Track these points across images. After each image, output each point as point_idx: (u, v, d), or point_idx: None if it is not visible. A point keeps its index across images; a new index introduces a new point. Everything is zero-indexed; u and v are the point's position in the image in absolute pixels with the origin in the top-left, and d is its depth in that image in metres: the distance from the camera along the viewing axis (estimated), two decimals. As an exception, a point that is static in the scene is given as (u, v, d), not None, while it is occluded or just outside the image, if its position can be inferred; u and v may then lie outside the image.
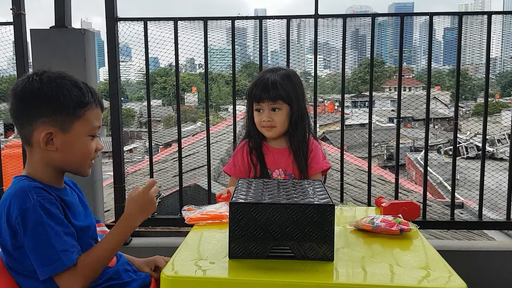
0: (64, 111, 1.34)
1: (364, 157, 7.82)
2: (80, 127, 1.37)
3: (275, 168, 2.01)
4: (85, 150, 1.39)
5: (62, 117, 1.34)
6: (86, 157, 1.41)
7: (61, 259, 1.26)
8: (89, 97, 1.38)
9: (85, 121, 1.37)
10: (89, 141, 1.40)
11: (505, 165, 3.69)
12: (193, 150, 5.81)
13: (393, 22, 2.85)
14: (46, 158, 1.37)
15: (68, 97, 1.34)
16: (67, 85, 1.36)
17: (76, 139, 1.37)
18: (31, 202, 1.27)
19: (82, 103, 1.36)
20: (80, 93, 1.36)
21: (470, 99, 24.51)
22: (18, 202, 1.28)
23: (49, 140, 1.34)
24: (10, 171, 3.44)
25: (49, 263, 1.25)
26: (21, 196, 1.29)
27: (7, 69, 3.07)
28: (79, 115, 1.36)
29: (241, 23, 2.78)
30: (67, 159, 1.38)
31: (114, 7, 2.65)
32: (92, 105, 1.39)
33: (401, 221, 1.48)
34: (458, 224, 2.92)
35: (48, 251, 1.26)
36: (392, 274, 1.21)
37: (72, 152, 1.37)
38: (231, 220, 1.24)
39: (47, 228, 1.26)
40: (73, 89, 1.36)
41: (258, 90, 1.95)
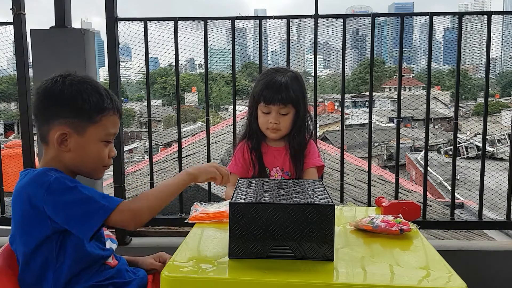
0: (80, 115, 1.37)
1: (364, 157, 7.82)
2: (95, 132, 1.39)
3: (273, 167, 2.02)
4: (97, 155, 1.41)
5: (78, 120, 1.37)
6: (97, 162, 1.42)
7: (104, 205, 1.28)
8: (108, 103, 1.40)
9: (100, 127, 1.39)
10: (102, 146, 1.41)
11: (505, 165, 3.69)
12: (193, 150, 5.81)
13: (393, 22, 2.86)
14: (59, 158, 1.39)
15: (86, 101, 1.37)
16: (88, 89, 1.38)
17: (89, 143, 1.39)
18: (53, 177, 1.30)
19: (99, 108, 1.38)
20: (99, 99, 1.38)
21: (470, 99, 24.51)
22: (39, 182, 1.30)
23: (64, 141, 1.37)
24: (10, 171, 3.44)
25: (94, 214, 1.27)
26: (40, 177, 1.31)
27: (7, 69, 3.07)
28: (95, 120, 1.38)
29: (241, 23, 2.78)
30: (79, 162, 1.40)
31: (114, 7, 2.65)
32: (110, 111, 1.40)
33: (401, 221, 1.48)
34: (458, 224, 2.92)
35: (88, 204, 1.28)
36: (392, 274, 1.21)
37: (84, 155, 1.40)
38: (231, 220, 1.24)
39: (79, 189, 1.29)
40: (93, 94, 1.38)
41: (270, 93, 1.92)
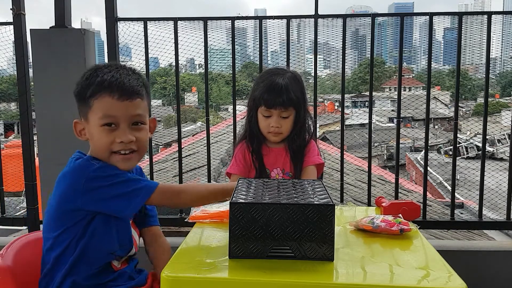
0: (82, 101, 1.39)
1: (364, 157, 7.82)
2: (93, 117, 1.37)
3: (274, 168, 2.02)
4: (100, 141, 1.38)
5: (82, 107, 1.40)
6: (103, 149, 1.39)
7: (146, 184, 1.33)
8: (99, 84, 1.36)
9: (95, 110, 1.36)
10: (103, 132, 1.37)
11: (505, 165, 3.69)
12: (193, 150, 5.82)
13: (393, 22, 2.86)
14: (90, 148, 1.44)
15: (83, 85, 1.38)
16: (85, 74, 1.39)
17: (92, 129, 1.39)
18: (95, 165, 1.34)
19: (90, 92, 1.36)
20: (92, 82, 1.37)
21: (470, 99, 24.51)
22: (81, 170, 1.34)
23: (83, 130, 1.42)
24: (10, 171, 3.44)
25: (137, 194, 1.32)
26: (84, 165, 1.36)
27: (7, 69, 3.07)
28: (90, 105, 1.37)
29: (241, 23, 2.78)
30: (94, 149, 1.42)
31: (114, 7, 2.65)
32: (102, 93, 1.36)
33: (401, 221, 1.48)
34: (458, 224, 2.92)
35: (132, 185, 1.33)
36: (392, 274, 1.21)
37: (94, 143, 1.41)
38: (231, 220, 1.24)
39: (117, 174, 1.34)
40: (85, 78, 1.38)
41: (271, 97, 1.91)
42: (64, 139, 2.59)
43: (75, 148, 1.45)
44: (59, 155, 2.67)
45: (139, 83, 1.40)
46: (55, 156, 2.54)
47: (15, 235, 3.77)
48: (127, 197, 1.33)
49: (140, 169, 1.62)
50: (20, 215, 3.94)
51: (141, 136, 1.41)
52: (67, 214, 1.37)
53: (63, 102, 2.58)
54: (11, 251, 1.44)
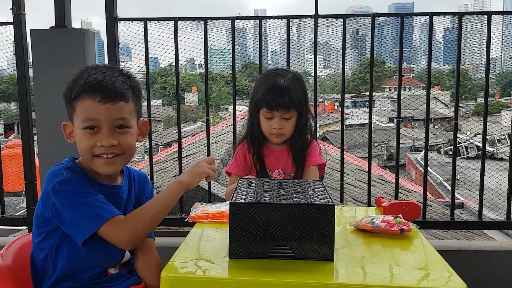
0: (67, 103, 1.38)
1: (364, 157, 7.82)
2: (76, 120, 1.36)
3: (275, 168, 2.01)
4: (81, 144, 1.35)
5: (68, 109, 1.38)
6: (84, 153, 1.36)
7: (100, 213, 1.28)
8: (83, 87, 1.32)
9: (77, 113, 1.34)
10: (85, 135, 1.34)
11: (505, 165, 3.70)
12: (193, 150, 5.81)
13: (393, 22, 2.86)
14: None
15: (67, 89, 1.37)
16: (74, 76, 1.37)
17: (76, 132, 1.38)
18: (64, 176, 1.31)
19: (75, 94, 1.33)
20: (72, 84, 1.35)
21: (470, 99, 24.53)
22: (52, 179, 1.31)
23: (71, 133, 1.40)
24: (10, 171, 3.44)
25: (89, 219, 1.27)
26: (55, 174, 1.33)
27: (7, 69, 3.08)
28: (74, 107, 1.35)
29: (241, 23, 2.78)
30: (79, 153, 1.40)
31: (114, 7, 2.65)
32: (83, 95, 1.32)
33: (401, 221, 1.48)
34: (458, 224, 2.92)
35: (86, 209, 1.28)
36: (392, 274, 1.21)
37: (78, 146, 1.38)
38: (231, 220, 1.24)
39: (82, 192, 1.30)
40: (75, 80, 1.36)
41: (272, 98, 1.89)
42: (64, 139, 2.59)
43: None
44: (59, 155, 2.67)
45: (125, 85, 1.35)
46: (55, 156, 2.54)
47: (15, 235, 3.77)
48: (80, 221, 1.28)
49: (145, 176, 1.59)
50: (20, 215, 3.94)
51: (125, 140, 1.36)
52: (42, 219, 1.35)
53: (63, 102, 2.58)
54: (11, 251, 1.44)
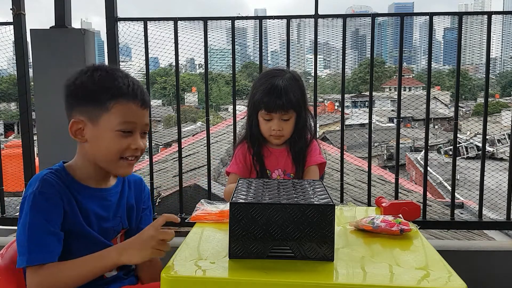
0: (93, 102, 1.32)
1: (364, 157, 7.82)
2: (108, 121, 1.31)
3: (275, 169, 2.01)
4: (111, 146, 1.32)
5: (91, 107, 1.32)
6: (112, 153, 1.33)
7: (25, 254, 1.23)
8: (122, 89, 1.32)
9: (113, 115, 1.31)
10: (117, 137, 1.32)
11: (505, 165, 3.70)
12: (193, 150, 5.82)
13: (393, 22, 2.86)
14: (82, 151, 1.37)
15: (98, 87, 1.32)
16: (101, 75, 1.33)
17: (103, 133, 1.32)
18: (31, 191, 1.28)
19: (112, 94, 1.31)
20: (111, 84, 1.32)
21: (470, 99, 24.53)
22: (27, 188, 1.30)
23: (80, 131, 1.34)
24: (10, 171, 3.44)
25: (20, 254, 1.25)
26: (31, 183, 1.31)
27: (7, 69, 3.08)
28: (108, 108, 1.31)
29: (241, 23, 2.78)
30: (95, 153, 1.35)
31: (114, 7, 2.65)
32: (124, 98, 1.32)
33: (401, 221, 1.48)
34: (458, 224, 2.92)
35: (22, 242, 1.25)
36: (392, 274, 1.21)
37: (99, 146, 1.34)
38: (231, 220, 1.24)
39: (30, 219, 1.25)
40: (106, 80, 1.32)
41: (271, 100, 1.88)
42: (64, 139, 2.58)
43: (74, 148, 1.44)
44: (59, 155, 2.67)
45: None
46: (55, 156, 2.54)
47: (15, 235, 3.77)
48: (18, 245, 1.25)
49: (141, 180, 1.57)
50: (20, 215, 3.93)
51: (144, 143, 1.41)
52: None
53: (63, 102, 2.58)
54: (11, 251, 1.44)
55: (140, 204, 1.54)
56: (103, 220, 1.40)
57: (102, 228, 1.39)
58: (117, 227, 1.45)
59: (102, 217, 1.40)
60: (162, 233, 1.23)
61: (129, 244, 1.27)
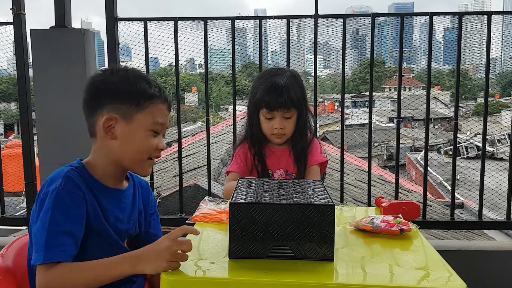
0: (128, 100, 1.34)
1: (364, 157, 7.83)
2: (142, 119, 1.35)
3: (277, 169, 2.01)
4: (143, 144, 1.36)
5: (125, 105, 1.34)
6: (143, 152, 1.37)
7: (42, 252, 1.22)
8: (156, 91, 1.37)
9: (147, 114, 1.35)
10: (149, 136, 1.37)
11: (505, 165, 3.70)
12: (193, 150, 5.82)
13: (393, 22, 2.86)
14: (106, 148, 1.36)
15: (134, 86, 1.35)
16: (136, 77, 1.38)
17: (136, 130, 1.35)
18: (54, 187, 1.26)
19: (147, 94, 1.35)
20: (146, 86, 1.37)
21: (470, 99, 24.52)
22: (48, 184, 1.29)
23: (110, 128, 1.34)
24: (10, 171, 3.44)
25: (36, 251, 1.23)
26: (53, 179, 1.30)
27: (7, 69, 3.08)
28: (143, 107, 1.35)
29: (241, 23, 2.79)
30: (124, 150, 1.36)
31: (114, 7, 2.65)
32: (158, 99, 1.37)
33: (401, 221, 1.48)
34: (458, 224, 2.92)
35: (40, 239, 1.23)
36: (392, 274, 1.21)
37: (130, 143, 1.35)
38: (231, 220, 1.24)
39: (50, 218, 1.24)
40: (140, 81, 1.37)
41: (272, 99, 1.88)
42: (64, 139, 2.60)
43: (74, 148, 1.44)
44: (59, 155, 2.68)
45: None
46: (55, 156, 2.55)
47: (15, 235, 3.77)
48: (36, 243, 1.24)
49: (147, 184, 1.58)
50: (20, 215, 3.95)
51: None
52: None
53: (63, 102, 2.58)
54: (11, 251, 1.44)
55: (148, 209, 1.53)
56: (119, 222, 1.40)
57: (117, 230, 1.39)
58: (130, 230, 1.45)
59: (119, 219, 1.40)
60: (179, 244, 1.18)
61: (143, 255, 1.22)
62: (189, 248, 1.20)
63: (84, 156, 1.43)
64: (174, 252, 1.17)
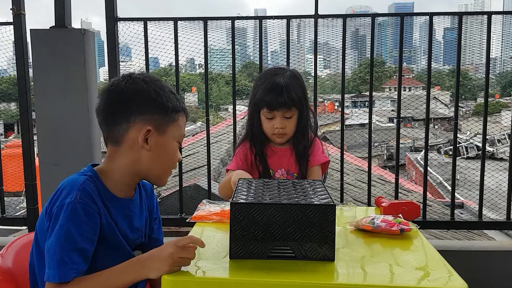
0: (163, 112, 1.35)
1: (364, 157, 7.83)
2: (173, 131, 1.38)
3: (278, 168, 2.00)
4: (173, 155, 1.39)
5: (160, 117, 1.35)
6: (172, 163, 1.41)
7: (56, 269, 1.21)
8: (181, 103, 1.40)
9: (177, 126, 1.39)
10: (177, 147, 1.41)
11: (505, 165, 3.70)
12: (193, 150, 5.82)
13: (393, 22, 2.86)
14: (135, 158, 1.34)
15: (167, 99, 1.36)
16: (166, 88, 1.39)
17: (168, 142, 1.37)
18: (70, 201, 1.24)
19: (177, 107, 1.38)
20: (175, 98, 1.39)
21: (470, 99, 24.51)
22: (64, 195, 1.26)
23: (145, 139, 1.34)
24: (10, 171, 3.44)
25: (49, 267, 1.22)
26: (69, 190, 1.26)
27: (7, 69, 3.08)
28: (174, 119, 1.37)
29: (241, 23, 2.79)
30: (155, 162, 1.36)
31: (114, 7, 2.65)
32: (183, 112, 1.41)
33: (401, 221, 1.48)
34: (458, 224, 2.92)
35: (53, 255, 1.22)
36: (392, 274, 1.21)
37: (162, 154, 1.37)
38: (232, 220, 1.24)
39: (65, 234, 1.22)
40: (170, 93, 1.38)
41: (273, 98, 1.87)
42: (64, 139, 2.59)
43: (74, 148, 1.43)
44: (59, 155, 2.68)
45: None
46: (55, 156, 2.54)
47: (15, 235, 3.77)
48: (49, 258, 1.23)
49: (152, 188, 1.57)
50: (20, 215, 3.94)
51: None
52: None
53: (63, 102, 2.58)
54: (11, 251, 1.44)
55: (152, 214, 1.53)
56: (128, 230, 1.40)
57: (127, 239, 1.40)
58: (137, 240, 1.45)
59: (127, 229, 1.40)
60: (182, 252, 1.20)
61: (147, 261, 1.24)
62: (192, 256, 1.21)
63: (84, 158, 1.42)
64: (177, 259, 1.19)
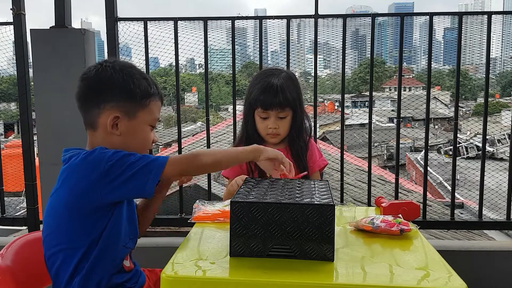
0: (132, 99, 1.43)
1: (364, 157, 7.82)
2: (144, 116, 1.45)
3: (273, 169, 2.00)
4: (145, 138, 1.47)
5: (129, 103, 1.43)
6: (145, 145, 1.48)
7: (157, 158, 1.34)
8: (154, 89, 1.47)
9: (148, 111, 1.46)
10: (149, 131, 1.48)
11: (505, 165, 3.70)
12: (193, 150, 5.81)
13: (393, 22, 2.85)
14: (108, 142, 1.42)
15: (137, 85, 1.43)
16: (136, 74, 1.45)
17: (138, 126, 1.45)
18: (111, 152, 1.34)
19: (148, 93, 1.45)
20: (146, 84, 1.46)
21: (470, 99, 24.51)
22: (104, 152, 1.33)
23: (115, 124, 1.42)
24: (10, 171, 3.44)
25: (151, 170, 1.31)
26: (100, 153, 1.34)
27: (7, 69, 3.08)
28: (144, 104, 1.44)
29: (241, 23, 2.78)
30: (127, 145, 1.43)
31: (114, 7, 2.65)
32: (156, 97, 1.48)
33: (401, 221, 1.48)
34: (458, 224, 2.92)
35: (146, 159, 1.32)
36: (392, 275, 1.21)
37: (133, 138, 1.45)
38: (232, 218, 1.24)
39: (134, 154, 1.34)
40: (141, 79, 1.45)
41: (267, 98, 1.89)
42: (64, 139, 2.59)
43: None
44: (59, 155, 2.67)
45: None
46: (55, 156, 2.54)
47: (15, 235, 3.77)
48: (144, 171, 1.32)
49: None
50: (20, 215, 3.94)
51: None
52: (83, 216, 1.33)
53: (63, 102, 2.58)
54: (11, 251, 1.44)
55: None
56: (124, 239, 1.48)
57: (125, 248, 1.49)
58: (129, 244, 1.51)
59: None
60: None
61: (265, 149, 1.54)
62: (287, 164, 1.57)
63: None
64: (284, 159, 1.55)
